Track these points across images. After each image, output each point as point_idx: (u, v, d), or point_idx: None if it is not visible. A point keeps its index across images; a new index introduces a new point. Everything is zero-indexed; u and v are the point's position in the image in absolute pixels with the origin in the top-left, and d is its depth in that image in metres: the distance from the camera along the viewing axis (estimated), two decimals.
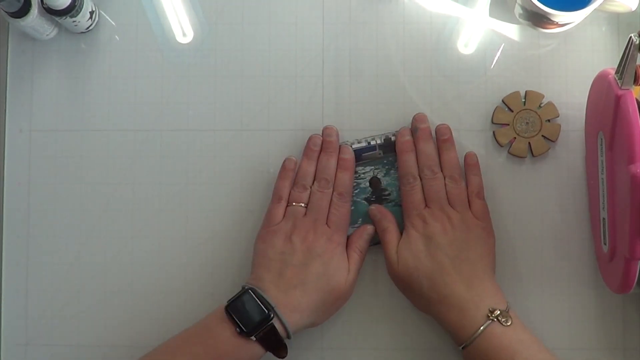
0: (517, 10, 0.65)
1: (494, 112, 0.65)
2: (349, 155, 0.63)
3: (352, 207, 0.63)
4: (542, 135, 0.64)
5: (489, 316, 0.56)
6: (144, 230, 0.66)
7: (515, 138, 0.64)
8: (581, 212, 0.64)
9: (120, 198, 0.66)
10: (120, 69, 0.67)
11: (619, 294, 0.56)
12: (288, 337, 0.57)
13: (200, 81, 0.67)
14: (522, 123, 0.64)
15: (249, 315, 0.56)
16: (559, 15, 0.60)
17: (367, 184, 0.64)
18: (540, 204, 0.65)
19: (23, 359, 0.65)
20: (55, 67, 0.67)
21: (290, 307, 0.57)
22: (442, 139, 0.63)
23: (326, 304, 0.59)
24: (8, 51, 0.67)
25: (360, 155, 0.63)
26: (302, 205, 0.61)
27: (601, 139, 0.58)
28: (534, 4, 0.59)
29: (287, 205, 0.62)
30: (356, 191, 0.64)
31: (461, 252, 0.59)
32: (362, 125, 0.64)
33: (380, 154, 0.64)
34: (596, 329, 0.63)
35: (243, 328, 0.55)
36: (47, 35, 0.66)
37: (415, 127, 0.63)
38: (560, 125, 0.64)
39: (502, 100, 0.65)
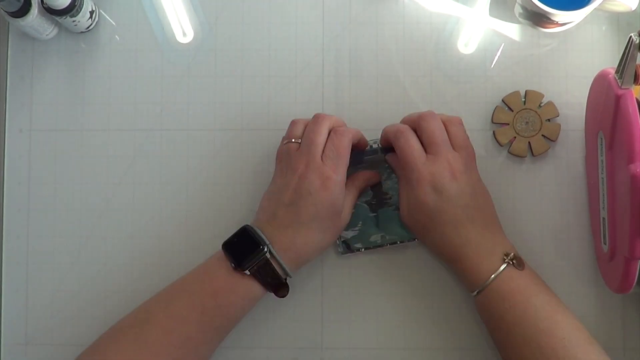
0: (517, 9, 0.65)
1: (494, 112, 0.65)
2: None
3: (353, 210, 0.63)
4: (542, 135, 0.64)
5: (504, 259, 0.56)
6: (144, 230, 0.66)
7: (515, 138, 0.64)
8: (581, 212, 0.64)
9: (120, 198, 0.66)
10: (120, 69, 0.67)
11: (619, 293, 0.56)
12: (287, 275, 0.57)
13: (200, 81, 0.67)
14: (522, 123, 0.64)
15: (243, 249, 0.56)
16: (559, 15, 0.60)
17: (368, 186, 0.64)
18: (540, 204, 0.65)
19: (23, 359, 0.65)
20: (55, 67, 0.67)
21: (284, 245, 0.56)
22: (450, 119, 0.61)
23: (323, 241, 0.59)
24: (8, 51, 0.67)
25: (362, 158, 0.63)
26: (294, 140, 0.59)
27: (601, 139, 0.58)
28: (534, 3, 0.59)
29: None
30: None
31: (471, 199, 0.57)
32: (362, 125, 0.64)
33: (382, 157, 0.64)
34: (596, 329, 0.63)
35: (237, 261, 0.55)
36: (47, 35, 0.66)
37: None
38: (560, 125, 0.64)
39: (502, 100, 0.65)
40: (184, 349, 0.55)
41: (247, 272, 0.55)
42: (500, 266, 0.56)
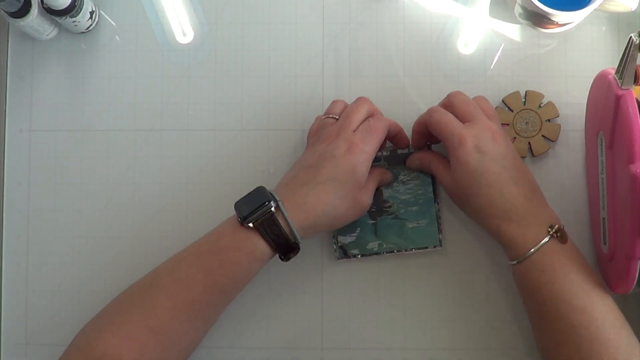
0: (517, 10, 0.65)
1: None
2: None
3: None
4: (542, 135, 0.64)
5: (549, 231, 0.56)
6: (144, 230, 0.66)
7: (515, 138, 0.64)
8: (581, 211, 0.64)
9: (120, 198, 0.66)
10: (120, 69, 0.67)
11: (619, 293, 0.56)
12: (295, 239, 0.56)
13: (200, 81, 0.67)
14: (522, 123, 0.64)
15: (251, 203, 0.55)
16: (559, 15, 0.60)
17: None
18: None
19: (23, 359, 0.65)
20: (55, 67, 0.67)
21: (294, 203, 0.55)
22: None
23: (337, 209, 0.57)
24: (8, 51, 0.67)
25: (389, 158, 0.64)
26: (331, 116, 0.60)
27: (601, 139, 0.58)
28: (534, 3, 0.59)
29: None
30: None
31: (514, 161, 0.57)
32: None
33: (385, 165, 0.64)
34: None
35: (244, 216, 0.54)
36: (47, 35, 0.66)
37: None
38: (560, 125, 0.64)
39: (502, 100, 0.65)
40: (190, 312, 0.55)
41: (251, 224, 0.54)
42: (544, 238, 0.55)
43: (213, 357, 0.64)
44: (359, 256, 0.63)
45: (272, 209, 0.54)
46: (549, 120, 0.64)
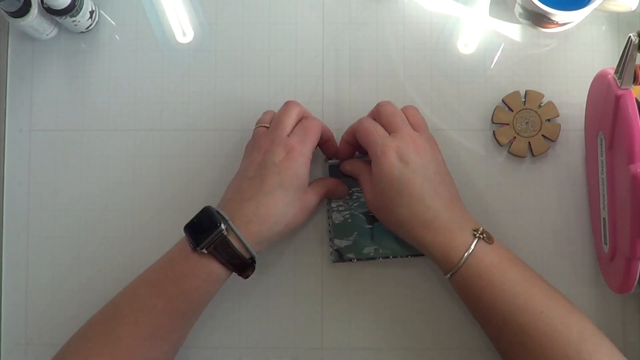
0: (517, 10, 0.65)
1: (494, 112, 0.65)
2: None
3: (349, 220, 0.63)
4: (542, 135, 0.64)
5: (474, 234, 0.55)
6: (144, 230, 0.66)
7: (515, 138, 0.64)
8: (581, 212, 0.64)
9: (120, 198, 0.66)
10: (120, 69, 0.67)
11: (619, 293, 0.56)
12: (250, 254, 0.56)
13: (200, 81, 0.67)
14: (522, 123, 0.64)
15: (201, 227, 0.55)
16: (558, 15, 0.60)
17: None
18: (540, 204, 0.65)
19: (23, 359, 0.65)
20: (55, 67, 0.67)
21: (245, 219, 0.55)
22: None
23: (287, 216, 0.57)
24: (8, 51, 0.67)
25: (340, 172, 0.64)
26: (264, 125, 0.60)
27: (601, 139, 0.58)
28: (534, 3, 0.59)
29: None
30: (355, 204, 0.63)
31: (435, 173, 0.57)
32: None
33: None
34: None
35: (196, 242, 0.54)
36: (47, 35, 0.66)
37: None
38: (560, 125, 0.64)
39: (502, 100, 0.65)
40: (154, 338, 0.55)
41: (204, 250, 0.54)
42: (472, 242, 0.55)
43: (213, 358, 0.64)
44: (354, 260, 0.63)
45: (224, 231, 0.54)
46: (549, 120, 0.64)
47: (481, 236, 0.55)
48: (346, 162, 0.63)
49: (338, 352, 0.64)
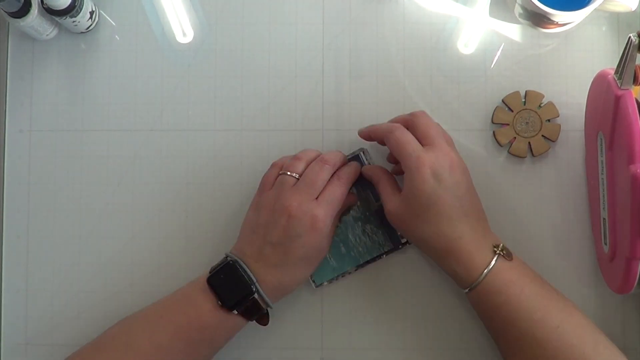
0: (517, 10, 0.65)
1: (494, 112, 0.65)
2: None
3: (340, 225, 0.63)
4: (542, 135, 0.64)
5: (495, 251, 0.56)
6: (144, 230, 0.66)
7: (515, 138, 0.64)
8: (581, 212, 0.64)
9: (120, 198, 0.66)
10: (120, 69, 0.67)
11: (619, 294, 0.56)
12: (268, 306, 0.58)
13: (200, 81, 0.67)
14: (522, 123, 0.64)
15: (230, 288, 0.56)
16: (559, 15, 0.60)
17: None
18: (540, 204, 0.65)
19: (23, 359, 0.65)
20: (55, 67, 0.67)
21: (271, 285, 0.57)
22: None
23: (306, 277, 0.61)
24: (8, 51, 0.67)
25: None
26: (294, 175, 0.58)
27: (601, 139, 0.58)
28: (534, 3, 0.59)
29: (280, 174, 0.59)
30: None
31: (466, 192, 0.56)
32: (362, 125, 0.64)
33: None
34: None
35: (225, 301, 0.56)
36: (47, 35, 0.66)
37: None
38: (560, 125, 0.64)
39: (502, 100, 0.65)
40: None
41: (235, 312, 0.56)
42: (492, 258, 0.55)
43: (213, 358, 0.64)
44: (332, 281, 0.64)
45: (255, 296, 0.56)
46: (549, 120, 0.64)
47: (501, 253, 0.56)
48: (366, 168, 0.63)
49: (338, 352, 0.64)
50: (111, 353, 0.56)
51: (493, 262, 0.55)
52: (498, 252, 0.56)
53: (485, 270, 0.55)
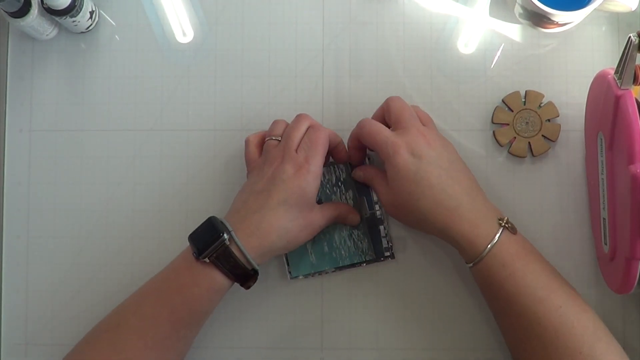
0: (517, 10, 0.65)
1: (494, 112, 0.65)
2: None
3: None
4: (542, 135, 0.64)
5: (500, 224, 0.56)
6: (144, 231, 0.66)
7: (515, 138, 0.64)
8: (581, 212, 0.64)
9: (120, 198, 0.66)
10: (120, 69, 0.67)
11: (619, 294, 0.56)
12: (252, 266, 0.56)
13: (200, 81, 0.67)
14: (522, 123, 0.64)
15: (204, 237, 0.55)
16: (559, 15, 0.60)
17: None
18: (540, 204, 0.65)
19: (23, 359, 0.65)
20: (55, 67, 0.67)
21: (248, 231, 0.55)
22: None
23: (290, 232, 0.57)
24: (8, 51, 0.67)
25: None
26: (274, 138, 0.60)
27: (601, 139, 0.58)
28: (534, 3, 0.59)
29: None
30: (327, 190, 0.64)
31: (450, 163, 0.57)
32: None
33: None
34: None
35: (199, 251, 0.55)
36: (47, 35, 0.66)
37: None
38: (560, 125, 0.64)
39: (502, 100, 0.65)
40: (160, 348, 0.55)
41: (207, 260, 0.54)
42: (498, 231, 0.55)
43: (213, 358, 0.64)
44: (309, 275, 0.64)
45: (226, 241, 0.54)
46: (549, 120, 0.64)
47: (506, 225, 0.56)
48: (358, 169, 0.63)
49: (338, 352, 0.64)
50: (104, 334, 0.56)
51: (498, 235, 0.55)
52: (504, 224, 0.56)
53: (490, 244, 0.55)
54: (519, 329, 0.55)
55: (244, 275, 0.56)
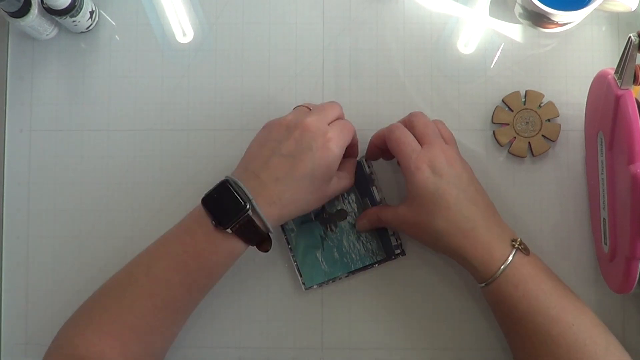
0: (517, 10, 0.65)
1: (494, 112, 0.65)
2: None
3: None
4: (542, 135, 0.64)
5: (513, 245, 0.56)
6: (144, 230, 0.66)
7: (515, 138, 0.64)
8: (581, 212, 0.64)
9: (120, 198, 0.66)
10: (120, 69, 0.67)
11: (619, 293, 0.56)
12: (268, 231, 0.55)
13: (200, 81, 0.67)
14: (522, 123, 0.64)
15: (224, 206, 0.54)
16: (559, 15, 0.60)
17: (338, 207, 0.63)
18: (540, 204, 0.65)
19: (23, 359, 0.65)
20: (55, 67, 0.67)
21: (269, 200, 0.54)
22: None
23: (308, 203, 0.57)
24: (8, 51, 0.67)
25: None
26: (307, 105, 0.59)
27: (601, 139, 0.58)
28: (534, 3, 0.59)
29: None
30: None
31: (469, 184, 0.57)
32: (362, 125, 0.64)
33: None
34: None
35: (220, 220, 0.54)
36: (47, 35, 0.66)
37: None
38: (560, 125, 0.64)
39: (502, 100, 0.65)
40: (169, 310, 0.55)
41: (229, 230, 0.54)
42: (511, 252, 0.55)
43: (213, 358, 0.64)
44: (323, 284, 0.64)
45: (250, 212, 0.54)
46: (549, 120, 0.64)
47: (519, 247, 0.56)
48: (360, 219, 0.63)
49: (338, 352, 0.64)
50: (113, 291, 0.56)
51: (511, 256, 0.55)
52: (517, 246, 0.56)
53: (503, 266, 0.55)
54: (531, 348, 0.55)
55: (261, 240, 0.56)
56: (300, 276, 0.64)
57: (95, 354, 0.53)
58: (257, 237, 0.55)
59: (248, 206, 0.53)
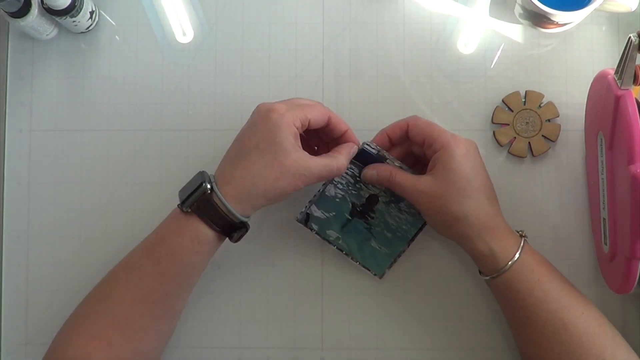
0: (517, 10, 0.65)
1: (494, 112, 0.65)
2: None
3: (338, 200, 0.62)
4: (542, 135, 0.64)
5: (520, 235, 0.58)
6: (144, 230, 0.65)
7: (515, 138, 0.64)
8: (581, 212, 0.64)
9: (120, 198, 0.66)
10: (120, 69, 0.67)
11: (619, 293, 0.56)
12: (235, 217, 0.55)
13: (200, 81, 0.67)
14: (522, 123, 0.64)
15: (188, 189, 0.55)
16: (559, 15, 0.60)
17: (366, 195, 0.63)
18: (540, 204, 0.65)
19: (23, 359, 0.65)
20: (55, 67, 0.67)
21: (224, 180, 0.55)
22: None
23: (266, 180, 0.54)
24: (8, 51, 0.67)
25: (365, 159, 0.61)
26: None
27: (601, 139, 0.58)
28: (534, 3, 0.59)
29: None
30: (354, 192, 0.63)
31: (488, 176, 0.58)
32: (362, 125, 0.64)
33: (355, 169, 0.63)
34: None
35: (182, 202, 0.55)
36: (47, 35, 0.66)
37: None
38: (560, 125, 0.64)
39: (502, 100, 0.65)
40: (146, 302, 0.55)
41: (189, 209, 0.54)
42: (520, 240, 0.57)
43: (213, 358, 0.64)
44: (315, 233, 0.63)
45: (208, 190, 0.54)
46: (549, 120, 0.64)
47: (525, 236, 0.58)
48: (369, 168, 0.60)
49: (338, 352, 0.64)
50: (96, 290, 0.57)
51: (522, 243, 0.57)
52: (524, 235, 0.58)
53: (519, 250, 0.56)
54: (544, 337, 0.55)
55: (229, 226, 0.55)
56: (369, 270, 0.64)
57: (81, 356, 0.54)
58: (221, 222, 0.55)
59: (206, 184, 0.54)
